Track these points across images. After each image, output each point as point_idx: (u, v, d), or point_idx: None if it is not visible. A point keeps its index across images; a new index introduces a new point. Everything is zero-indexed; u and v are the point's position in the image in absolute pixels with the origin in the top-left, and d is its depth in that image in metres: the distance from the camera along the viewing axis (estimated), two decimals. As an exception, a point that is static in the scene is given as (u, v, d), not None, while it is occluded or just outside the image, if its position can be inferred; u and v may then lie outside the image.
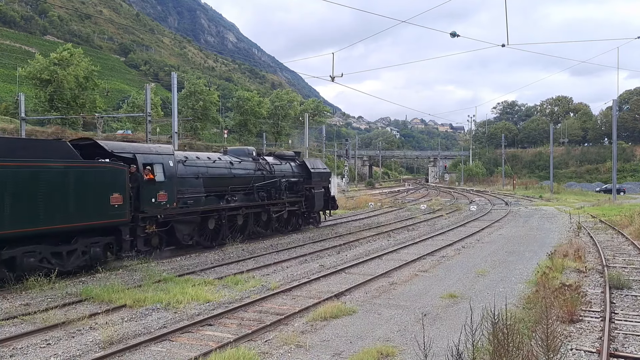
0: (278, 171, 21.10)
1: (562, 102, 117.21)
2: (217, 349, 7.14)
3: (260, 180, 19.70)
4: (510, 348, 5.55)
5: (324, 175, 24.39)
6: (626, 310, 9.59)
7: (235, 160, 19.07)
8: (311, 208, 22.85)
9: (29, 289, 10.94)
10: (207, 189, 16.98)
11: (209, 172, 17.26)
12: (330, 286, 11.58)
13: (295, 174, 22.38)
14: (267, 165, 20.60)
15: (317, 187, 23.19)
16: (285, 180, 21.12)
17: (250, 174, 19.34)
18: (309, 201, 22.65)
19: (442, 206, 38.06)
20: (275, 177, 20.56)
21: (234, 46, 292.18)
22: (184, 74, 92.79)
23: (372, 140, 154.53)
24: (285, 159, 22.65)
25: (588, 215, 29.51)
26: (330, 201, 24.75)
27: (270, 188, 20.19)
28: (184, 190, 15.84)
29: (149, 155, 14.71)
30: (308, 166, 23.23)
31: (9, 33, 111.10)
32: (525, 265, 14.15)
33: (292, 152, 24.43)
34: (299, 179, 22.32)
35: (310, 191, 22.69)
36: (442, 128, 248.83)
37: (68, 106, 53.77)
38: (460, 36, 20.53)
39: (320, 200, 23.33)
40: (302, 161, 23.60)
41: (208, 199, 17.07)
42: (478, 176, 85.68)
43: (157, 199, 14.48)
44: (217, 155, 18.88)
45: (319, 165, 24.74)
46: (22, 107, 37.50)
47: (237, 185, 18.59)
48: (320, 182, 23.73)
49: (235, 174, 18.64)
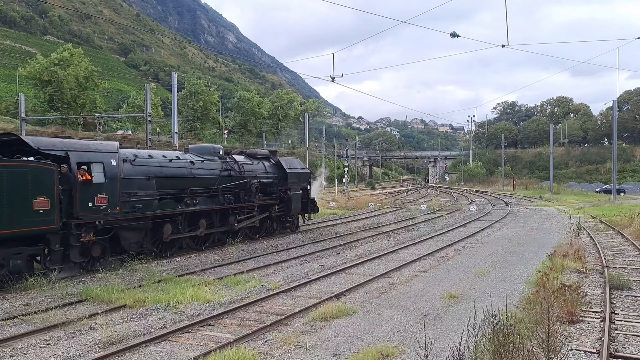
0: (249, 171, 19.40)
1: (562, 103, 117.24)
2: (217, 349, 7.14)
3: (227, 182, 17.98)
4: (510, 348, 5.55)
5: (302, 176, 22.66)
6: (626, 310, 9.59)
7: (197, 159, 17.27)
8: (287, 211, 21.10)
9: (29, 289, 10.94)
10: (161, 191, 15.09)
11: (163, 173, 15.42)
12: (330, 286, 11.57)
13: (269, 174, 20.70)
14: (236, 165, 18.89)
15: (294, 189, 21.46)
16: (257, 182, 19.39)
17: (214, 175, 17.55)
18: (284, 204, 20.90)
19: (442, 206, 38.05)
20: (245, 178, 18.82)
21: (234, 46, 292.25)
22: (184, 74, 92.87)
23: (372, 141, 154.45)
24: (258, 158, 21.00)
25: (588, 215, 29.51)
26: (309, 204, 22.98)
27: (239, 190, 18.48)
28: (131, 193, 14.02)
29: (85, 154, 12.91)
30: (284, 166, 21.46)
31: (9, 33, 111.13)
32: (525, 265, 14.15)
33: (267, 151, 22.84)
34: (273, 180, 20.62)
35: (286, 193, 20.95)
36: (442, 128, 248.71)
37: (68, 106, 53.80)
38: (460, 36, 20.53)
39: (297, 203, 21.63)
40: (278, 160, 21.74)
41: (162, 203, 15.18)
42: (478, 177, 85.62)
43: (95, 203, 12.72)
44: (176, 154, 17.14)
45: (297, 165, 23.01)
46: (22, 107, 37.51)
47: (198, 187, 16.80)
48: (298, 183, 21.96)
49: (196, 175, 16.83)
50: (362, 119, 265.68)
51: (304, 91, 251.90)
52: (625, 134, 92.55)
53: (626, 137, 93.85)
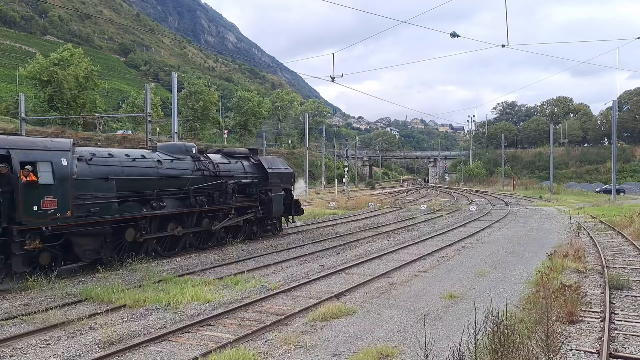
0: (225, 171, 18.28)
1: (562, 103, 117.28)
2: (216, 349, 7.14)
3: (200, 182, 16.85)
4: (510, 348, 5.55)
5: (284, 176, 21.50)
6: (626, 310, 9.59)
7: (166, 159, 16.03)
8: (269, 214, 19.97)
9: (29, 289, 10.94)
10: (122, 193, 13.94)
11: (125, 173, 14.18)
12: (330, 286, 11.58)
13: (247, 174, 19.53)
14: (210, 165, 17.72)
15: (276, 190, 20.44)
16: (234, 182, 18.24)
17: (185, 175, 16.40)
18: (265, 206, 19.82)
19: (442, 206, 38.06)
20: (221, 178, 17.70)
21: (234, 46, 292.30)
22: (184, 74, 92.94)
23: (372, 141, 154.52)
24: (236, 157, 19.80)
25: (588, 215, 29.51)
26: (292, 205, 21.91)
27: (214, 191, 17.32)
28: (86, 195, 12.78)
29: (30, 152, 11.74)
30: (264, 166, 20.31)
31: (9, 33, 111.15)
32: (525, 265, 14.15)
33: (246, 150, 21.61)
34: (253, 180, 19.48)
35: (267, 194, 19.90)
36: (442, 128, 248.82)
37: (68, 106, 53.84)
38: (460, 36, 20.53)
39: (279, 205, 20.53)
40: (258, 160, 20.54)
41: (124, 206, 14.02)
42: (478, 176, 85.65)
43: (41, 206, 11.54)
44: (141, 152, 15.86)
45: (279, 164, 21.79)
46: (22, 107, 37.49)
47: (166, 188, 15.60)
48: (280, 184, 20.91)
49: (164, 175, 15.57)
50: (362, 119, 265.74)
51: (304, 91, 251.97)
52: (625, 134, 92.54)
53: (626, 137, 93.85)
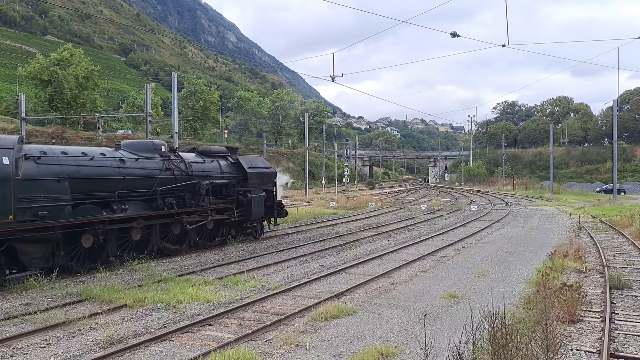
0: (198, 171, 17.16)
1: (562, 103, 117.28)
2: (217, 349, 7.14)
3: (170, 183, 15.67)
4: (510, 348, 5.55)
5: (265, 176, 20.29)
6: (626, 310, 9.59)
7: (130, 157, 14.85)
8: (248, 216, 18.86)
9: (29, 289, 10.94)
10: (77, 195, 12.73)
11: (80, 173, 12.98)
12: (330, 286, 11.58)
13: (224, 174, 18.36)
14: (182, 164, 16.55)
15: (256, 191, 19.34)
16: (209, 183, 17.10)
17: (152, 175, 15.20)
18: (244, 208, 18.70)
19: (442, 206, 38.06)
20: (193, 179, 16.54)
21: (234, 46, 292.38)
22: (184, 74, 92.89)
23: (373, 141, 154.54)
24: (212, 156, 18.60)
25: (588, 215, 29.51)
26: (274, 207, 20.75)
27: (185, 192, 16.12)
28: (33, 198, 11.67)
29: None
30: (243, 165, 19.16)
31: (9, 33, 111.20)
32: (525, 265, 14.15)
33: (223, 148, 20.24)
34: (230, 181, 18.31)
35: (245, 196, 18.78)
36: (442, 128, 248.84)
37: (68, 106, 53.85)
38: (460, 36, 20.53)
39: (259, 207, 19.41)
40: (236, 159, 19.35)
41: (80, 209, 12.78)
42: (478, 176, 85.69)
43: None
44: (101, 151, 14.59)
45: (260, 164, 20.66)
46: (22, 107, 37.52)
47: (130, 190, 14.45)
48: (260, 185, 19.78)
49: (128, 175, 14.33)
50: (362, 119, 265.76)
51: (304, 91, 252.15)
52: (625, 133, 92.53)
53: (626, 136, 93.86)
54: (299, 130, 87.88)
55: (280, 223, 24.18)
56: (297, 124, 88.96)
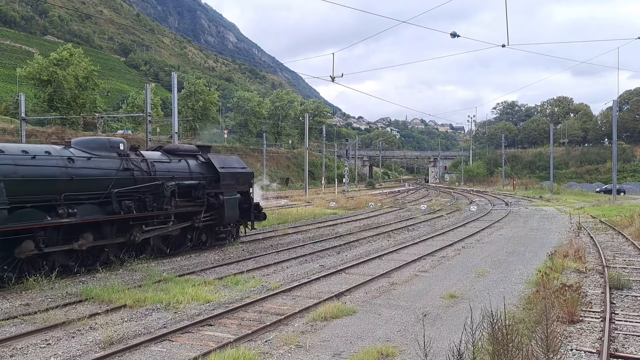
0: (162, 171, 15.67)
1: (562, 103, 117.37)
2: (217, 349, 7.14)
3: (128, 184, 14.29)
4: (510, 348, 5.55)
5: (240, 177, 18.84)
6: (626, 310, 9.59)
7: (81, 156, 13.42)
8: (220, 220, 17.45)
9: (29, 289, 10.94)
10: (15, 197, 11.53)
11: (19, 173, 11.76)
12: (330, 286, 11.58)
13: (193, 174, 16.97)
14: (144, 164, 15.10)
15: (230, 192, 17.88)
16: (175, 184, 15.63)
17: (108, 175, 13.79)
18: (216, 211, 17.24)
19: (442, 206, 38.07)
20: (157, 180, 15.05)
21: (234, 46, 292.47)
22: (184, 74, 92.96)
23: (373, 141, 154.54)
24: (180, 155, 17.12)
25: (588, 215, 29.51)
26: (251, 210, 19.25)
27: (145, 195, 14.70)
28: None
29: None
30: (215, 165, 17.70)
31: (9, 33, 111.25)
32: (525, 265, 14.15)
33: (193, 146, 18.72)
34: (200, 182, 16.93)
35: (217, 198, 17.27)
36: (442, 128, 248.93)
37: (68, 106, 53.83)
38: (460, 36, 20.53)
39: (233, 209, 17.94)
40: (208, 158, 17.87)
41: (18, 213, 11.59)
42: (478, 176, 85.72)
43: None
44: (46, 149, 13.15)
45: (234, 163, 19.18)
46: (22, 107, 37.49)
47: (80, 192, 13.00)
48: (235, 186, 18.31)
49: (77, 175, 12.92)
50: (362, 119, 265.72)
51: (304, 91, 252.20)
52: (625, 133, 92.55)
53: (626, 137, 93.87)
54: (299, 130, 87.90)
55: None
56: (297, 124, 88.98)
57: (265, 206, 27.66)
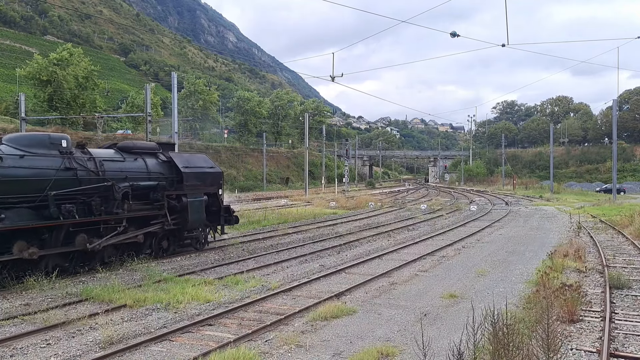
0: (114, 171, 14.13)
1: (562, 102, 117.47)
2: (217, 349, 7.14)
3: (70, 185, 12.79)
4: (510, 348, 5.55)
5: (207, 177, 17.22)
6: (626, 310, 9.59)
7: (11, 154, 11.95)
8: (184, 224, 15.79)
9: (29, 289, 10.94)
10: None
11: None
12: (330, 286, 11.58)
13: (151, 175, 15.31)
14: (91, 162, 13.53)
15: (195, 194, 16.27)
16: (129, 185, 14.17)
17: (44, 175, 12.34)
18: (179, 215, 15.62)
19: (442, 206, 38.08)
20: (106, 180, 13.56)
21: (234, 46, 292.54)
22: (184, 74, 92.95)
23: (372, 140, 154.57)
24: (136, 153, 15.42)
25: (588, 215, 29.52)
26: (222, 213, 17.59)
27: (92, 198, 13.18)
28: None
29: None
30: (177, 164, 16.08)
31: (9, 33, 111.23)
32: (525, 265, 14.15)
33: (153, 144, 17.03)
34: (159, 183, 15.32)
35: (180, 200, 15.69)
36: (442, 128, 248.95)
37: (68, 106, 53.83)
38: (460, 36, 20.54)
39: (198, 213, 16.25)
40: (169, 157, 16.24)
41: None
42: (478, 176, 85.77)
43: None
44: None
45: (201, 162, 17.57)
46: (22, 107, 37.50)
47: (11, 194, 11.63)
48: (201, 187, 16.72)
49: (6, 176, 11.56)
50: (362, 119, 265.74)
51: (304, 91, 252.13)
52: (625, 133, 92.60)
53: (626, 136, 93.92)
54: (299, 130, 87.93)
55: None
56: (297, 123, 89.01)
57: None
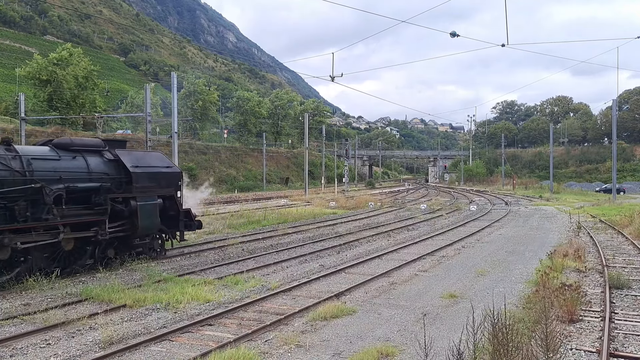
0: (46, 171, 12.54)
1: (562, 102, 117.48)
2: (217, 349, 7.14)
3: None
4: (510, 348, 5.55)
5: (163, 178, 15.37)
6: (626, 310, 9.59)
7: None
8: (133, 231, 14.07)
9: (29, 289, 10.94)
10: None
11: None
12: (330, 286, 11.58)
13: (93, 175, 13.57)
14: (16, 161, 12.01)
15: (147, 197, 14.46)
16: (63, 187, 12.52)
17: None
18: (127, 220, 13.92)
19: (442, 206, 38.07)
20: (34, 182, 12.01)
21: (233, 46, 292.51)
22: (184, 74, 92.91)
23: (372, 140, 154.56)
24: (75, 150, 13.63)
25: (588, 215, 29.52)
26: (181, 218, 15.78)
27: (16, 201, 11.70)
28: None
29: None
30: (125, 163, 14.24)
31: (9, 33, 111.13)
32: (525, 265, 14.16)
33: (97, 140, 14.97)
34: (103, 184, 13.52)
35: (128, 204, 13.93)
36: (442, 128, 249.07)
37: (67, 106, 53.81)
38: (459, 36, 20.54)
39: (151, 218, 14.48)
40: (116, 155, 14.37)
41: None
42: (478, 176, 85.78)
43: None
44: None
45: (155, 161, 15.67)
46: (22, 107, 37.46)
47: None
48: (154, 189, 14.91)
49: None
50: (362, 119, 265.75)
51: (304, 91, 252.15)
52: (625, 133, 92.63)
53: (626, 136, 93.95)
54: (299, 130, 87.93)
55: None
56: (297, 123, 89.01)
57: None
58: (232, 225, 23.45)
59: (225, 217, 25.92)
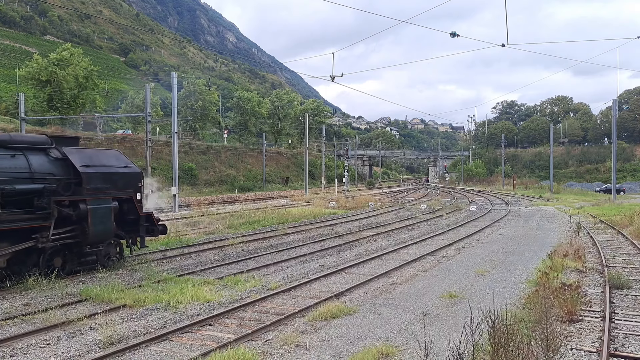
0: None
1: (562, 102, 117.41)
2: (217, 349, 7.15)
3: None
4: (510, 348, 5.55)
5: (118, 179, 13.93)
6: (626, 310, 9.59)
7: None
8: (83, 237, 12.70)
9: (29, 289, 10.94)
10: None
11: None
12: (330, 286, 11.58)
13: (35, 176, 12.13)
14: None
15: (99, 200, 13.14)
16: None
17: None
18: (76, 225, 12.63)
19: (442, 206, 38.07)
20: None
21: (233, 46, 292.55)
22: (184, 74, 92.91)
23: (372, 140, 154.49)
24: (15, 148, 12.14)
25: (588, 215, 29.51)
26: (140, 222, 14.45)
27: None
28: None
29: None
30: (74, 163, 12.90)
31: (9, 33, 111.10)
32: (525, 265, 14.15)
33: (43, 137, 13.45)
34: (45, 186, 12.00)
35: (77, 207, 12.58)
36: (442, 128, 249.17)
37: (68, 106, 53.82)
38: (460, 36, 20.52)
39: (105, 223, 13.14)
40: (64, 153, 12.99)
41: None
42: (478, 176, 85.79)
43: None
44: None
45: (110, 160, 14.22)
46: (22, 107, 37.51)
47: None
48: (109, 191, 13.48)
49: None
50: (362, 119, 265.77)
51: (304, 91, 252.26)
52: (625, 133, 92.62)
53: (626, 136, 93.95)
54: (299, 130, 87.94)
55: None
56: (297, 124, 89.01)
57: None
58: (232, 226, 23.43)
59: (225, 217, 25.91)
